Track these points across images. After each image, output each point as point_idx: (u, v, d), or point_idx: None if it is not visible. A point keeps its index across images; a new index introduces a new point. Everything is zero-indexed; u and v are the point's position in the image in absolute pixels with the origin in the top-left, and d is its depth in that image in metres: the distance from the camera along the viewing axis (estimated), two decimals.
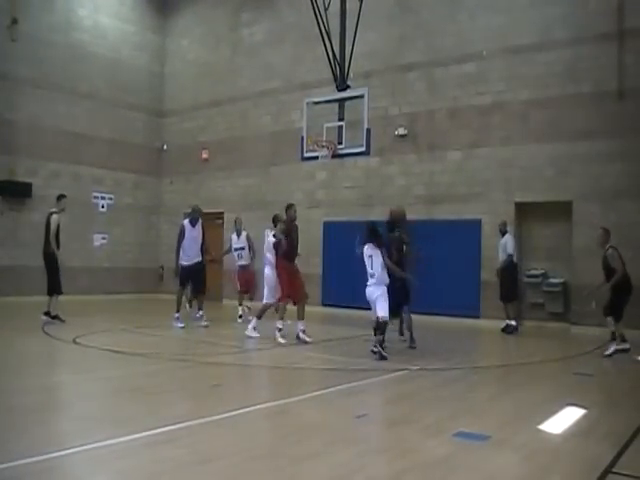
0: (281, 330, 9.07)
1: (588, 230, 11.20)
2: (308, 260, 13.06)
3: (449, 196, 13.19)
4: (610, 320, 8.59)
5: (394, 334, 9.18)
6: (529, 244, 12.50)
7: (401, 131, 13.87)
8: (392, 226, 8.80)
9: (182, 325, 10.54)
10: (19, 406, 5.03)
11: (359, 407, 5.37)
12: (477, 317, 12.48)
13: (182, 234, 10.77)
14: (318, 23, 12.08)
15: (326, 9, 12.31)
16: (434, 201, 13.34)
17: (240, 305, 11.81)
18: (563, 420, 4.98)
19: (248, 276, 11.75)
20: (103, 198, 17.65)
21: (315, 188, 15.36)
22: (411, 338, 8.94)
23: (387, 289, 7.90)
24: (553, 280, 11.91)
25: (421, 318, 12.26)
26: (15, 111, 15.58)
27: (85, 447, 3.90)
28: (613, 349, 8.45)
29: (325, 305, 14.56)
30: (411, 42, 13.89)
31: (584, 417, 5.14)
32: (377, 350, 7.80)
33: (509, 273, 11.05)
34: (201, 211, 11.16)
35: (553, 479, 3.70)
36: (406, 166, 13.83)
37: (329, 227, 14.81)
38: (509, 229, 11.36)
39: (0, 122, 15.24)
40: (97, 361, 7.57)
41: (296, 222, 9.43)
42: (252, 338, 9.38)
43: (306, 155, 12.34)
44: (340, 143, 11.93)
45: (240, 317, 11.60)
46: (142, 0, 18.81)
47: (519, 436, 4.46)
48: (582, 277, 11.33)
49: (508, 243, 11.03)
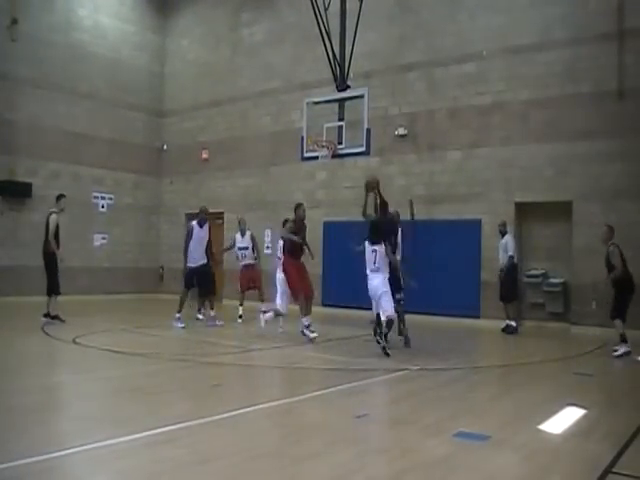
0: (309, 326, 9.18)
1: (588, 230, 11.21)
2: (308, 260, 13.03)
3: (449, 196, 13.19)
4: (619, 323, 8.51)
5: (392, 334, 9.17)
6: (529, 244, 12.50)
7: (401, 131, 13.87)
8: (384, 210, 8.73)
9: (182, 325, 10.55)
10: (19, 406, 5.03)
11: (359, 407, 5.36)
12: (477, 317, 12.48)
13: (190, 235, 10.76)
14: (318, 23, 12.08)
15: (326, 9, 12.30)
16: (434, 201, 13.33)
17: (241, 305, 11.80)
18: (563, 420, 4.98)
19: (252, 275, 11.75)
20: (103, 198, 17.65)
21: (315, 188, 15.36)
22: (399, 329, 8.93)
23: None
24: (553, 280, 11.91)
25: (421, 318, 12.34)
26: (15, 111, 15.58)
27: (85, 447, 3.90)
28: (623, 350, 8.39)
29: (325, 305, 14.56)
30: (411, 42, 13.89)
31: (584, 417, 5.14)
32: (382, 345, 7.88)
33: (509, 273, 11.05)
34: (208, 212, 11.19)
35: (553, 479, 3.70)
36: (406, 166, 13.83)
37: (329, 227, 14.81)
38: (509, 229, 11.35)
39: (0, 122, 15.24)
40: (97, 361, 7.57)
41: (305, 221, 9.65)
42: (262, 326, 9.90)
43: (306, 155, 12.34)
44: (340, 143, 11.94)
45: (240, 317, 11.58)
46: (142, 0, 18.81)
47: (519, 436, 4.46)
48: (582, 277, 11.35)
49: (509, 244, 11.01)
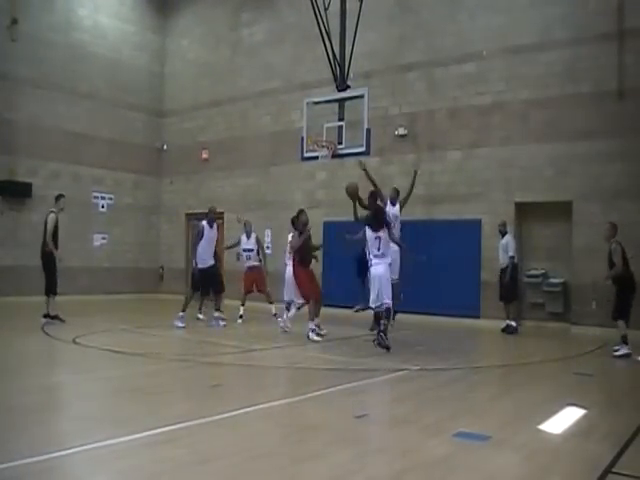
0: (314, 330, 9.41)
1: (588, 230, 11.22)
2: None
3: (449, 196, 13.18)
4: (621, 324, 8.48)
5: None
6: (529, 244, 12.49)
7: (401, 131, 13.86)
8: (374, 200, 9.18)
9: (183, 325, 10.54)
10: (19, 406, 5.03)
11: (359, 407, 5.36)
12: (477, 317, 12.47)
13: (202, 235, 10.74)
14: (318, 23, 12.08)
15: (326, 9, 12.30)
16: (434, 201, 13.33)
17: (242, 305, 11.81)
18: (563, 420, 4.98)
19: (257, 277, 11.79)
20: (103, 198, 17.65)
21: (315, 188, 15.36)
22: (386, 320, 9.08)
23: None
24: (553, 280, 11.90)
25: (421, 318, 12.38)
26: (15, 111, 15.57)
27: (85, 447, 3.90)
28: (624, 352, 8.36)
29: (325, 305, 14.46)
30: (411, 42, 13.89)
31: (584, 417, 5.14)
32: (382, 339, 7.98)
33: (510, 273, 11.02)
34: (217, 212, 11.16)
35: (553, 479, 3.70)
36: (406, 166, 13.78)
37: (329, 227, 14.79)
38: (509, 229, 11.34)
39: (0, 122, 15.24)
40: (97, 361, 7.57)
41: (309, 227, 9.77)
42: (286, 333, 10.08)
43: (306, 155, 12.35)
44: (340, 143, 11.94)
45: (240, 317, 11.60)
46: (142, 0, 18.81)
47: (519, 436, 4.46)
48: (582, 277, 11.34)
49: (509, 244, 10.99)
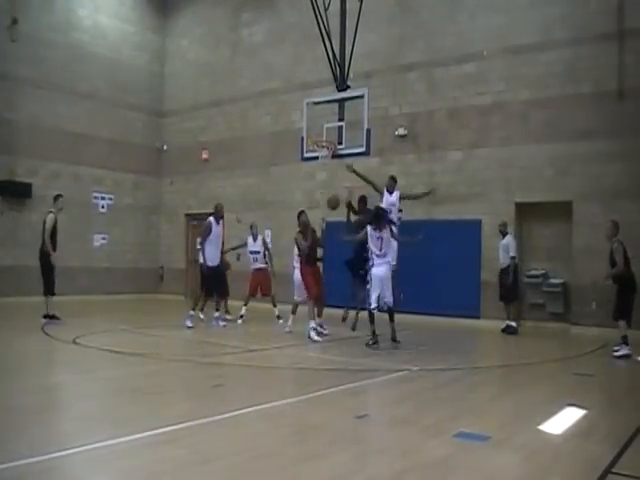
0: (315, 329, 9.49)
1: (588, 230, 11.22)
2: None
3: (449, 196, 13.17)
4: (622, 324, 8.46)
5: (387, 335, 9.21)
6: (529, 244, 12.49)
7: (401, 131, 13.86)
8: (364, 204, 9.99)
9: (191, 326, 10.52)
10: (19, 406, 5.03)
11: (359, 407, 5.37)
12: (477, 317, 12.47)
13: (210, 231, 10.68)
14: (318, 23, 12.07)
15: (326, 9, 12.30)
16: (434, 201, 13.29)
17: (245, 305, 11.81)
18: (563, 420, 4.98)
19: (262, 279, 11.80)
20: (103, 198, 17.65)
21: (315, 188, 15.35)
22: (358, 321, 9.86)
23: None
24: (553, 280, 11.90)
25: (421, 318, 12.37)
26: (15, 111, 15.57)
27: (85, 447, 3.90)
28: (624, 352, 8.35)
29: (325, 305, 14.50)
30: (411, 42, 13.89)
31: (584, 417, 5.14)
32: (373, 341, 8.53)
33: (511, 274, 11.01)
34: (223, 209, 11.08)
35: (553, 479, 3.70)
36: (406, 166, 13.82)
37: (329, 227, 14.75)
38: (510, 229, 11.34)
39: (0, 122, 15.24)
40: (97, 361, 7.57)
41: (312, 226, 9.99)
42: (289, 333, 10.20)
43: (306, 155, 12.33)
44: (340, 143, 11.92)
45: (241, 317, 11.60)
46: (142, 0, 18.81)
47: (519, 436, 4.46)
48: (582, 277, 11.34)
49: (510, 245, 10.97)
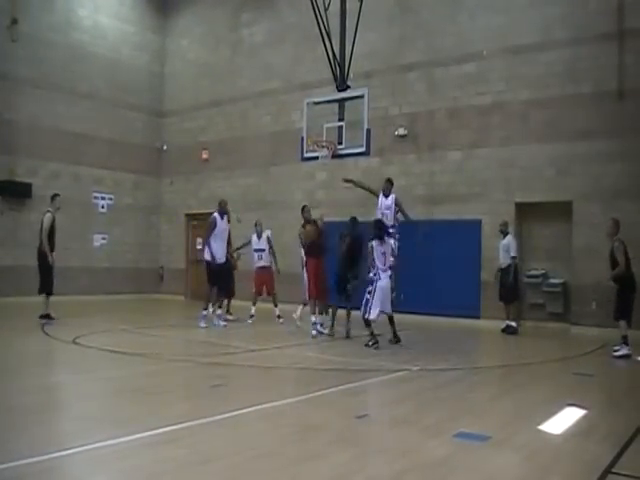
0: (316, 324, 9.92)
1: (588, 230, 11.23)
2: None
3: (449, 196, 13.18)
4: (623, 324, 8.45)
5: (386, 335, 9.22)
6: (529, 244, 12.49)
7: (401, 131, 13.86)
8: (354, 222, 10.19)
9: (205, 326, 10.52)
10: (19, 406, 5.03)
11: (359, 407, 5.37)
12: (477, 317, 12.47)
13: (215, 225, 10.65)
14: (318, 23, 12.07)
15: (326, 9, 12.29)
16: (434, 201, 13.33)
17: (254, 305, 11.80)
18: (563, 420, 4.98)
19: (267, 278, 11.79)
20: (103, 198, 17.65)
21: (315, 188, 15.36)
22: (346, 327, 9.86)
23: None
24: (553, 280, 11.90)
25: (421, 318, 12.38)
26: (15, 111, 15.57)
27: (85, 447, 3.90)
28: (624, 352, 8.34)
29: (328, 305, 14.50)
30: (411, 42, 13.90)
31: (584, 417, 5.14)
32: (373, 341, 8.60)
33: (511, 274, 11.01)
34: (227, 204, 11.09)
35: (553, 479, 3.70)
36: (406, 166, 13.83)
37: (329, 227, 14.75)
38: (510, 230, 11.34)
39: (0, 122, 15.24)
40: (97, 361, 7.57)
41: (317, 221, 10.44)
42: (299, 328, 10.59)
43: (306, 155, 12.33)
44: (340, 143, 11.92)
45: (251, 317, 11.58)
46: (142, 0, 18.82)
47: (519, 436, 4.47)
48: (582, 277, 11.35)
49: (511, 245, 10.95)
